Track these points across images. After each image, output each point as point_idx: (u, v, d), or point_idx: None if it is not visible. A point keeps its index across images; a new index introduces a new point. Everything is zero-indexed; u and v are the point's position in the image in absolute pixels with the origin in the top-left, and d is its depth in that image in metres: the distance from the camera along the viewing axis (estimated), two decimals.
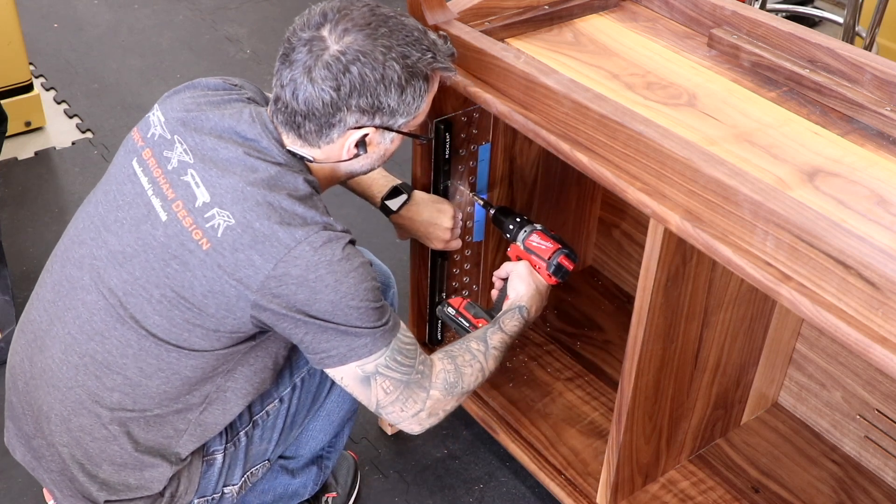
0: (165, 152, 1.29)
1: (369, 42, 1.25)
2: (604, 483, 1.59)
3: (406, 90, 1.28)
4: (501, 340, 1.48)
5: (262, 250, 1.21)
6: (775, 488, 1.68)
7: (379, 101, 1.27)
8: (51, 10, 3.54)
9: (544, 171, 1.88)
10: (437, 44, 1.33)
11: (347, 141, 1.30)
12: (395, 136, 1.34)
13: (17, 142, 2.79)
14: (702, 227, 1.22)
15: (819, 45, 1.48)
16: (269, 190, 1.23)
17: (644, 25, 1.66)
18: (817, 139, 1.37)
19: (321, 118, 1.27)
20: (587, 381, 1.87)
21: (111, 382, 1.30)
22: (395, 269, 2.32)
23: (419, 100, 1.31)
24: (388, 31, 1.27)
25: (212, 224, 1.23)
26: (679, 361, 1.52)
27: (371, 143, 1.32)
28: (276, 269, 1.21)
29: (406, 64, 1.27)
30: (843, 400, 1.70)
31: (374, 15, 1.28)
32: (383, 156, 1.37)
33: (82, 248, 1.33)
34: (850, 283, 1.08)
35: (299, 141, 1.30)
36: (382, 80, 1.25)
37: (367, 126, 1.29)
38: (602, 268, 2.12)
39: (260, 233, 1.21)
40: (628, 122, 1.29)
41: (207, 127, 1.29)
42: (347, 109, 1.26)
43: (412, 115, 1.32)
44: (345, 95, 1.25)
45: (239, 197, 1.23)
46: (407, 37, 1.28)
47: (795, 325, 1.70)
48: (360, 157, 1.34)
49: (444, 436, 1.94)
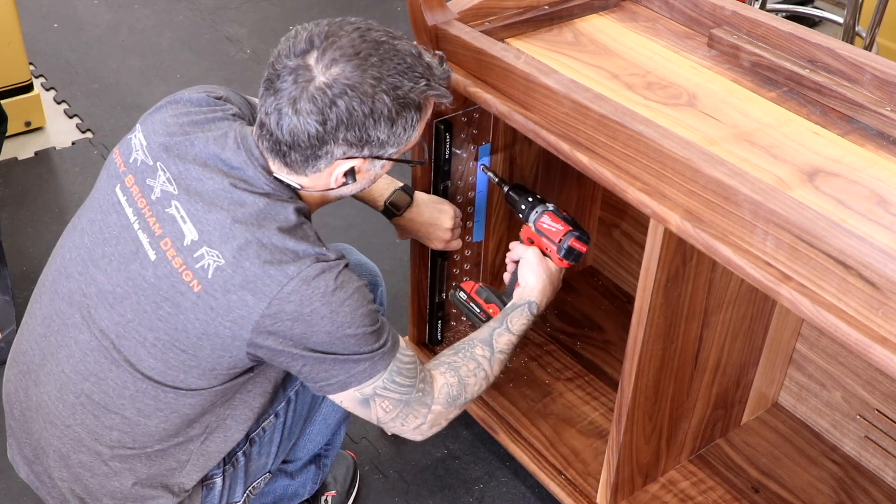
0: (148, 180, 1.26)
1: (358, 73, 1.18)
2: (604, 483, 1.59)
3: (397, 122, 1.23)
4: (508, 342, 1.46)
5: (254, 290, 1.18)
6: (775, 488, 1.68)
7: (367, 134, 1.22)
8: (51, 10, 3.54)
9: (544, 171, 1.88)
10: (431, 68, 1.26)
11: (335, 171, 1.26)
12: (386, 163, 1.30)
13: (17, 142, 2.80)
14: (702, 227, 1.21)
15: (819, 45, 1.48)
16: (258, 226, 1.20)
17: (644, 25, 1.66)
18: (817, 139, 1.37)
19: (307, 150, 1.22)
20: (587, 381, 1.87)
21: (109, 422, 1.29)
22: (395, 269, 2.33)
23: (411, 130, 1.26)
24: (378, 61, 1.20)
25: (202, 265, 1.20)
26: (679, 361, 1.52)
27: (360, 171, 1.28)
28: (269, 307, 1.18)
29: (397, 95, 1.21)
30: (843, 400, 1.70)
31: (364, 41, 1.21)
32: (374, 179, 1.33)
33: (70, 283, 1.31)
34: (850, 283, 1.08)
35: (286, 169, 1.26)
36: (371, 114, 1.20)
37: (355, 157, 1.24)
38: (602, 268, 2.12)
39: (251, 273, 1.18)
40: (628, 122, 1.29)
41: (191, 154, 1.25)
42: (334, 142, 1.21)
43: (403, 144, 1.27)
44: (331, 129, 1.20)
45: (227, 235, 1.19)
46: (399, 65, 1.21)
47: (795, 325, 1.70)
48: (350, 184, 1.30)
49: (444, 436, 1.94)
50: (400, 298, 2.23)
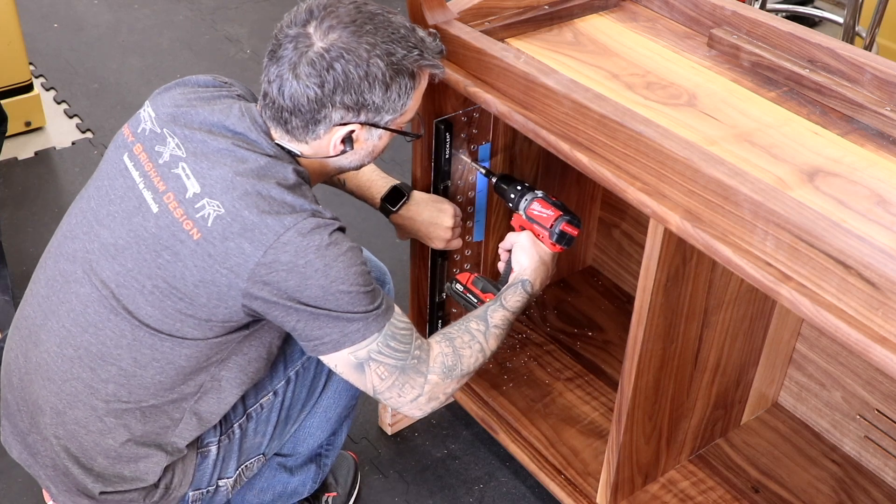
0: (157, 147, 1.30)
1: (354, 39, 1.25)
2: (604, 483, 1.59)
3: (391, 87, 1.28)
4: (503, 318, 1.47)
5: (251, 238, 1.22)
6: (775, 488, 1.68)
7: (363, 97, 1.27)
8: (51, 10, 3.54)
9: (544, 171, 1.88)
10: (424, 41, 1.33)
11: (333, 137, 1.31)
12: (384, 133, 1.35)
13: (17, 142, 2.80)
14: (702, 227, 1.21)
15: (819, 45, 1.48)
16: (258, 179, 1.24)
17: (644, 25, 1.66)
18: (817, 139, 1.37)
19: (307, 114, 1.28)
20: (587, 381, 1.87)
21: (106, 374, 1.31)
22: (395, 269, 2.32)
23: (405, 97, 1.31)
24: (373, 28, 1.27)
25: (202, 214, 1.24)
26: (679, 361, 1.52)
27: (358, 139, 1.33)
28: (265, 256, 1.22)
29: (391, 61, 1.27)
30: (843, 400, 1.70)
31: (359, 12, 1.28)
32: (372, 152, 1.38)
33: (75, 243, 1.34)
34: (850, 283, 1.08)
35: (287, 136, 1.31)
36: (366, 76, 1.26)
37: (352, 123, 1.30)
38: (602, 268, 2.12)
39: (249, 221, 1.22)
40: (628, 122, 1.29)
41: (197, 121, 1.30)
42: (332, 106, 1.27)
43: (399, 112, 1.32)
44: (329, 92, 1.26)
45: (228, 186, 1.24)
46: (393, 34, 1.28)
47: (795, 325, 1.70)
48: (348, 153, 1.34)
49: (444, 436, 1.94)
50: (400, 298, 2.23)
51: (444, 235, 1.67)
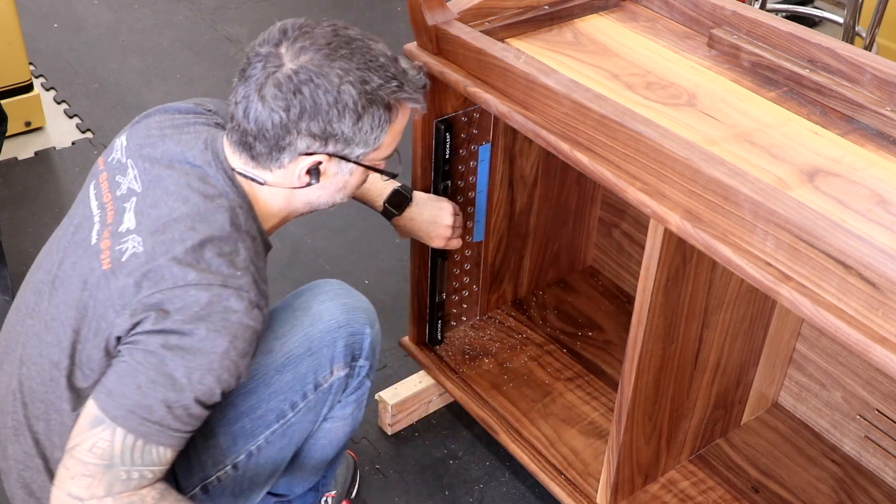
0: (118, 177, 1.27)
1: (326, 63, 1.18)
2: (604, 483, 1.59)
3: (363, 118, 1.21)
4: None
5: (152, 280, 1.17)
6: (775, 488, 1.68)
7: (331, 126, 1.20)
8: (51, 10, 3.53)
9: (544, 171, 1.89)
10: (406, 73, 1.25)
11: (298, 167, 1.23)
12: (356, 168, 1.27)
13: (17, 142, 2.80)
14: (702, 227, 1.22)
15: (819, 45, 1.48)
16: (189, 228, 1.18)
17: (644, 25, 1.66)
18: (817, 139, 1.37)
19: (271, 140, 1.20)
20: (587, 381, 1.87)
21: (36, 410, 1.27)
22: (395, 269, 2.33)
23: (378, 130, 1.23)
24: (348, 53, 1.19)
25: (121, 248, 1.20)
26: (679, 361, 1.52)
27: (326, 172, 1.25)
28: (151, 297, 1.16)
29: (364, 90, 1.19)
30: (843, 400, 1.70)
31: (336, 35, 1.21)
32: (343, 188, 1.30)
33: (40, 273, 1.32)
34: (850, 283, 1.08)
35: (252, 162, 1.24)
36: (336, 104, 1.18)
37: (319, 153, 1.22)
38: (602, 268, 2.12)
39: (157, 266, 1.17)
40: (628, 122, 1.29)
41: (158, 154, 1.26)
42: (298, 133, 1.20)
43: (372, 147, 1.25)
44: (294, 117, 1.18)
45: (158, 229, 1.19)
46: (370, 61, 1.20)
47: (795, 325, 1.71)
48: (316, 186, 1.27)
49: (444, 436, 1.94)
50: (400, 298, 2.23)
51: (444, 234, 1.66)
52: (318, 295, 1.48)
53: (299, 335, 1.43)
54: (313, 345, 1.42)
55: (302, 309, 1.46)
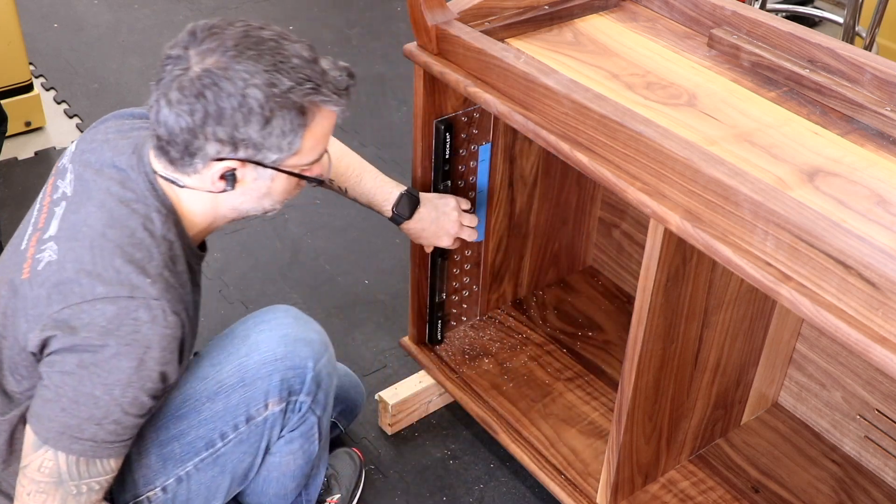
0: (59, 181, 1.28)
1: (231, 65, 1.13)
2: (604, 483, 1.59)
3: (271, 122, 1.15)
4: None
5: (61, 291, 1.16)
6: (775, 488, 1.68)
7: (238, 131, 1.15)
8: (51, 10, 3.54)
9: (544, 171, 1.89)
10: (326, 74, 1.19)
11: (211, 172, 1.19)
12: (277, 175, 1.22)
13: (17, 142, 2.80)
14: (702, 227, 1.22)
15: (819, 45, 1.48)
16: (101, 235, 1.17)
17: (644, 25, 1.66)
18: (817, 139, 1.37)
19: (181, 145, 1.17)
20: (587, 381, 1.87)
21: None
22: (395, 268, 2.33)
23: (292, 135, 1.17)
24: (256, 55, 1.14)
25: (40, 256, 1.19)
26: (679, 361, 1.52)
27: (242, 178, 1.21)
28: (60, 313, 1.16)
29: (272, 93, 1.14)
30: (843, 400, 1.70)
31: (246, 36, 1.16)
32: (269, 194, 1.25)
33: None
34: (850, 283, 1.08)
35: (171, 167, 1.21)
36: (240, 108, 1.13)
37: (229, 158, 1.18)
38: (602, 268, 2.12)
39: (66, 276, 1.16)
40: (628, 122, 1.29)
41: (94, 159, 1.26)
42: (205, 138, 1.15)
43: (288, 152, 1.19)
44: (199, 122, 1.14)
45: (73, 236, 1.18)
46: (281, 62, 1.15)
47: (795, 325, 1.71)
48: (237, 192, 1.23)
49: (444, 436, 1.94)
50: (400, 298, 2.23)
51: (452, 230, 1.62)
52: (260, 323, 1.44)
53: (234, 364, 1.40)
54: (247, 376, 1.40)
55: (241, 337, 1.44)
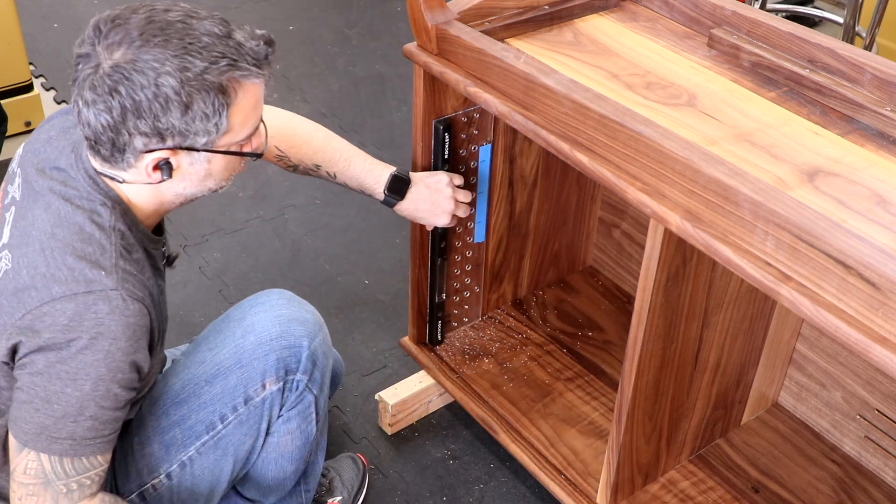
0: (9, 187, 1.27)
1: (139, 55, 1.10)
2: (604, 483, 1.59)
3: (192, 107, 1.12)
4: None
5: (19, 298, 1.16)
6: (775, 488, 1.68)
7: (159, 122, 1.12)
8: (51, 10, 3.54)
9: (544, 171, 1.89)
10: (241, 47, 1.16)
11: (143, 164, 1.17)
12: (213, 156, 1.19)
13: (17, 142, 2.79)
14: (702, 227, 1.22)
15: (819, 45, 1.48)
16: (50, 236, 1.16)
17: (644, 25, 1.66)
18: (817, 139, 1.37)
19: (107, 143, 1.14)
20: (587, 381, 1.87)
21: None
22: (395, 268, 2.33)
23: (216, 116, 1.14)
24: (162, 41, 1.10)
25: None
26: (679, 361, 1.52)
27: (179, 166, 1.18)
28: (23, 319, 1.15)
29: (186, 77, 1.10)
30: (843, 400, 1.70)
31: (150, 23, 1.12)
32: (210, 175, 1.22)
33: None
34: (850, 283, 1.08)
35: (106, 164, 1.19)
36: (156, 98, 1.10)
37: (159, 149, 1.15)
38: (602, 268, 2.12)
39: (22, 282, 1.16)
40: (628, 122, 1.29)
41: (37, 161, 1.24)
42: (128, 133, 1.13)
43: (217, 133, 1.16)
44: (119, 119, 1.11)
45: (23, 241, 1.18)
46: (190, 44, 1.11)
47: (795, 325, 1.71)
48: (176, 179, 1.20)
49: (444, 436, 1.94)
50: (400, 298, 2.23)
51: (448, 206, 1.60)
52: (255, 306, 1.45)
53: (230, 346, 1.41)
54: (243, 357, 1.40)
55: (237, 320, 1.44)
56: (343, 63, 3.24)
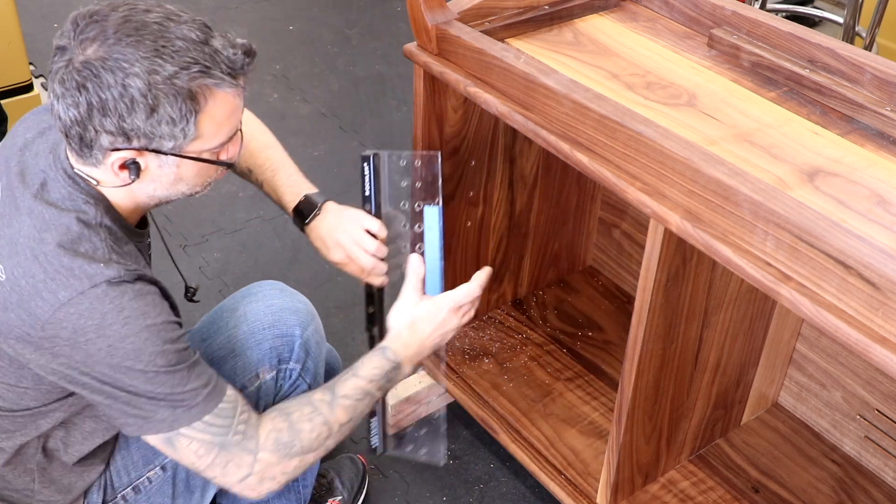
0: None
1: (110, 54, 1.09)
2: (604, 483, 1.59)
3: (157, 111, 1.10)
4: (355, 387, 1.30)
5: (29, 310, 1.13)
6: (775, 488, 1.68)
7: (124, 122, 1.10)
8: (51, 10, 3.53)
9: (544, 171, 1.89)
10: (217, 54, 1.13)
11: (110, 162, 1.14)
12: (182, 161, 1.17)
13: None
14: (702, 227, 1.22)
15: (819, 45, 1.48)
16: (39, 241, 1.14)
17: (644, 25, 1.66)
18: (817, 139, 1.37)
19: (75, 137, 1.13)
20: (587, 381, 1.87)
21: None
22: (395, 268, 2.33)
23: (183, 122, 1.12)
24: (135, 41, 1.09)
25: None
26: (679, 361, 1.52)
27: (146, 167, 1.16)
28: (44, 330, 1.13)
29: (153, 80, 1.08)
30: (843, 400, 1.70)
31: (127, 22, 1.10)
32: (181, 180, 1.19)
33: None
34: (850, 283, 1.08)
35: (80, 160, 1.17)
36: (121, 98, 1.09)
37: (125, 149, 1.13)
38: (602, 268, 2.12)
39: (25, 292, 1.13)
40: (628, 122, 1.29)
41: (14, 163, 1.23)
42: (94, 130, 1.11)
43: (183, 139, 1.14)
44: (85, 115, 1.10)
45: (13, 250, 1.15)
46: (164, 47, 1.09)
47: (795, 325, 1.71)
48: (145, 181, 1.18)
49: None
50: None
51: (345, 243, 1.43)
52: (247, 296, 1.44)
53: (223, 336, 1.41)
54: (237, 347, 1.39)
55: (229, 310, 1.44)
56: (343, 63, 3.24)
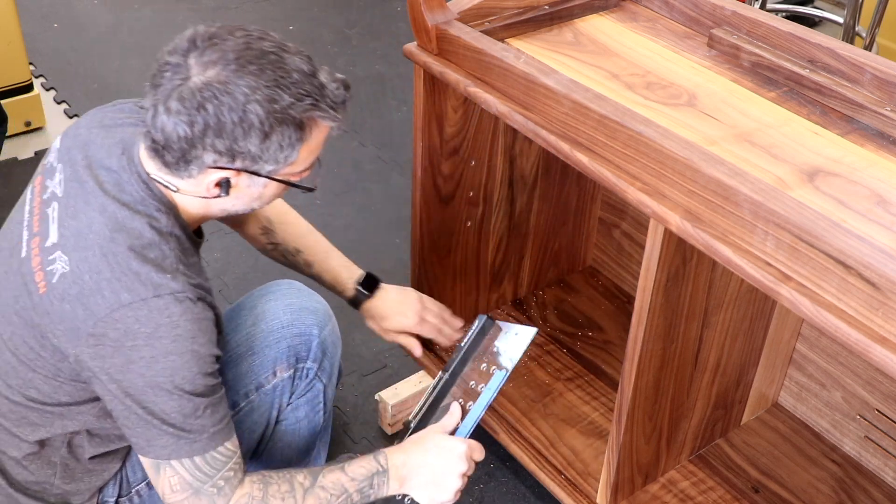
0: (48, 181, 1.26)
1: (233, 79, 1.13)
2: (604, 483, 1.59)
3: (270, 137, 1.15)
4: (336, 481, 1.31)
5: (85, 305, 1.15)
6: (775, 488, 1.68)
7: (237, 144, 1.15)
8: (51, 10, 3.54)
9: (544, 171, 1.89)
10: (325, 88, 1.19)
11: (207, 179, 1.20)
12: (270, 182, 1.23)
13: (17, 142, 2.80)
14: (702, 227, 1.22)
15: (819, 45, 1.48)
16: (110, 240, 1.17)
17: (644, 25, 1.66)
18: (817, 139, 1.37)
19: (177, 152, 1.17)
20: (587, 381, 1.87)
21: None
22: (396, 269, 2.33)
23: (289, 149, 1.18)
24: (257, 69, 1.14)
25: (52, 268, 1.18)
26: (679, 361, 1.52)
27: (237, 185, 1.22)
28: (95, 327, 1.15)
29: (272, 108, 1.14)
30: (843, 400, 1.70)
31: (248, 49, 1.15)
32: (259, 198, 1.26)
33: None
34: (850, 283, 1.08)
35: (165, 169, 1.21)
36: (241, 123, 1.14)
37: (226, 168, 1.18)
38: (602, 268, 2.12)
39: (87, 286, 1.15)
40: (628, 122, 1.29)
41: (81, 157, 1.25)
42: (203, 148, 1.15)
43: (283, 164, 1.20)
44: (199, 133, 1.14)
45: (80, 244, 1.18)
46: (282, 77, 1.15)
47: (795, 325, 1.71)
48: (230, 197, 1.23)
49: None
50: None
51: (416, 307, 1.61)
52: (266, 294, 1.47)
53: (241, 334, 1.43)
54: (255, 344, 1.42)
55: (248, 308, 1.46)
56: (343, 63, 3.24)
